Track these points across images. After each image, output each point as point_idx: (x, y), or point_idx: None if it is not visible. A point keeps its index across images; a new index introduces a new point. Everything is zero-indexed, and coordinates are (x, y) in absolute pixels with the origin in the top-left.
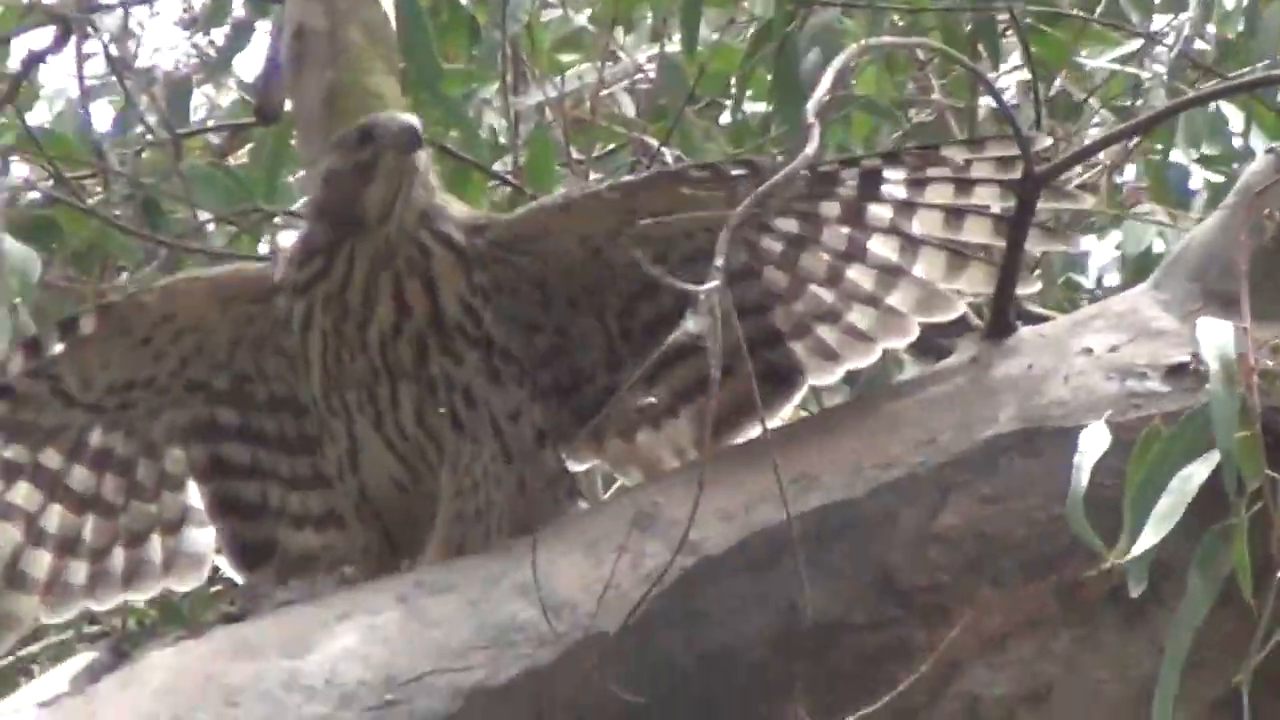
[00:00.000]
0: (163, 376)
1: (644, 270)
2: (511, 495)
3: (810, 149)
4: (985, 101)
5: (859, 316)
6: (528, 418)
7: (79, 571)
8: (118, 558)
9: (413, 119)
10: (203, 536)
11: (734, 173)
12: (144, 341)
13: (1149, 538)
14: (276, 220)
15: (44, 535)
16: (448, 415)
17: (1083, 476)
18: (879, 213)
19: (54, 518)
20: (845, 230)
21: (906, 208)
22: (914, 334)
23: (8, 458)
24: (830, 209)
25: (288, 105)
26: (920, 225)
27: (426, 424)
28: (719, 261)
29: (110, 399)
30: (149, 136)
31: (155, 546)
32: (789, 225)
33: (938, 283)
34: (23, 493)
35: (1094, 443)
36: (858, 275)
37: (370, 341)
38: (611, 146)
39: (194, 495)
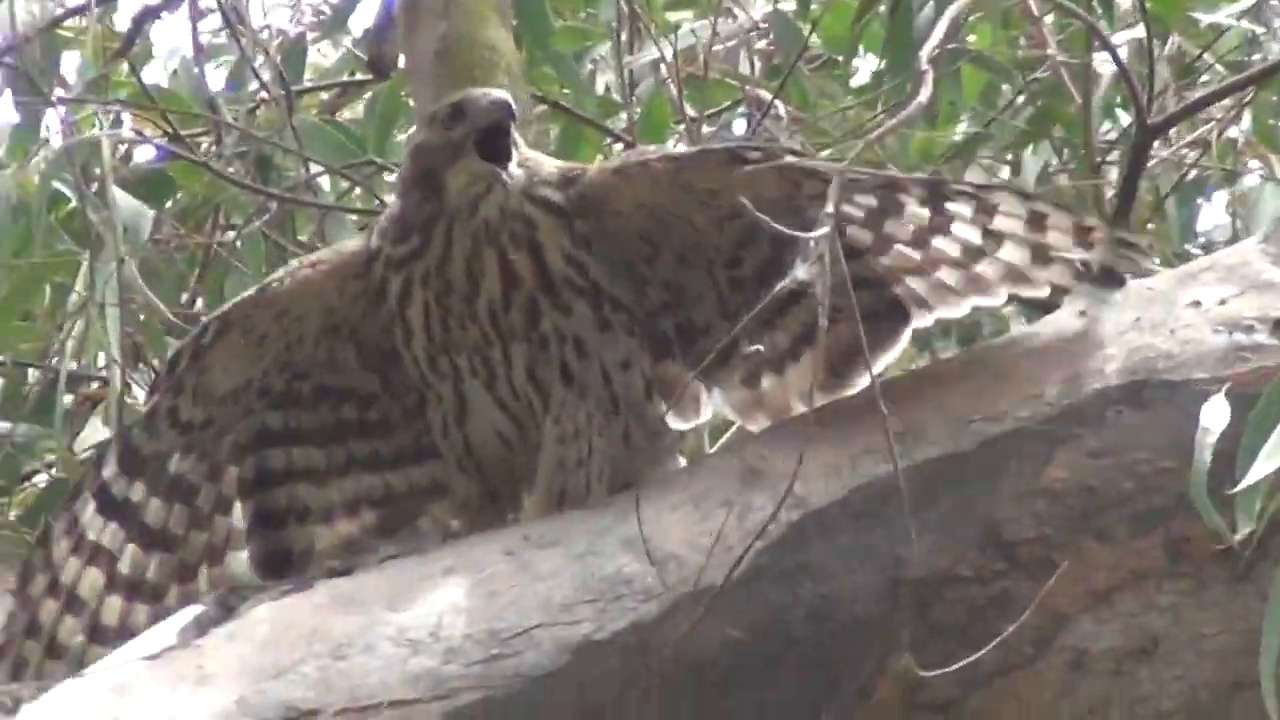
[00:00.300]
0: (257, 377)
1: (741, 222)
2: (615, 445)
3: (923, 96)
4: (1100, 58)
5: (947, 275)
6: (638, 368)
7: (141, 614)
8: (172, 595)
9: (504, 95)
10: (237, 560)
11: (786, 156)
12: (260, 339)
13: (1261, 468)
14: (389, 175)
15: (117, 578)
16: (557, 367)
17: (1205, 453)
18: (958, 209)
19: (127, 558)
20: (927, 212)
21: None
22: (1002, 298)
23: (114, 494)
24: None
25: (401, 59)
26: (1002, 223)
27: (538, 379)
28: (829, 208)
29: (212, 410)
30: (263, 95)
31: (203, 578)
32: (869, 200)
33: (1022, 267)
34: (110, 533)
35: (1215, 417)
36: (943, 244)
37: (480, 312)
38: (726, 104)
39: (238, 516)
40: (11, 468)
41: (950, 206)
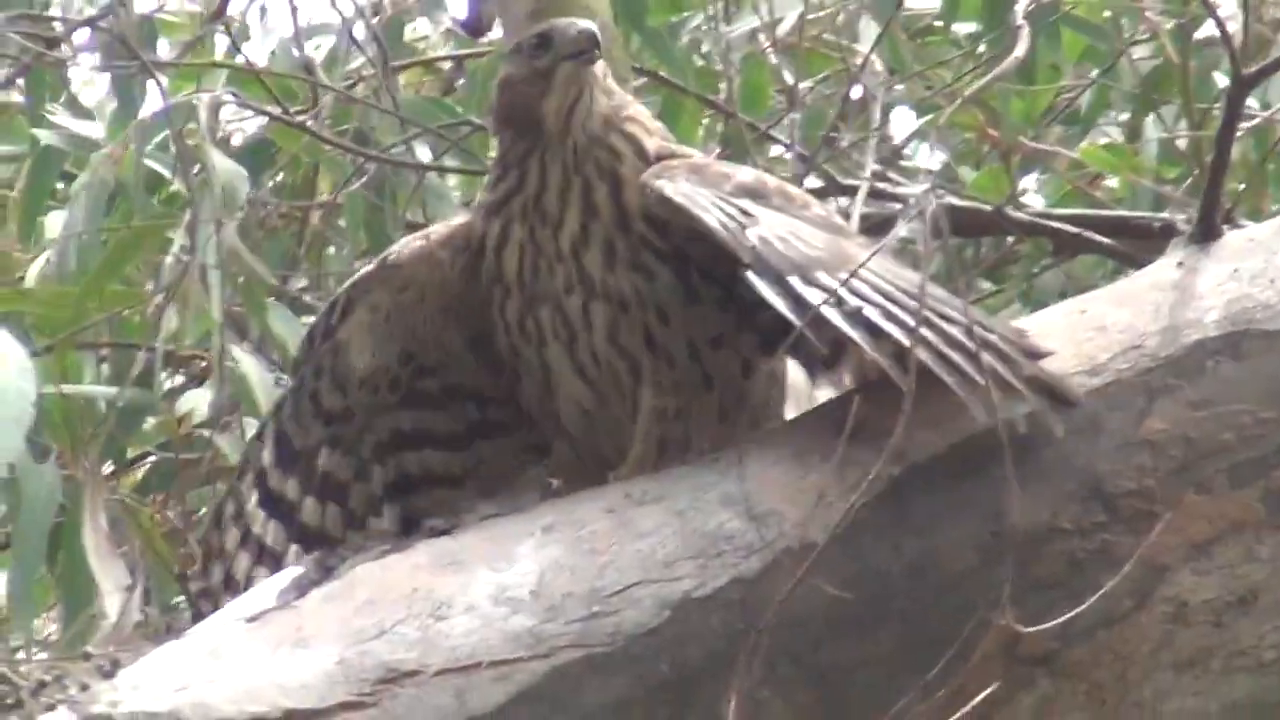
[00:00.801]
0: (388, 364)
1: None
2: (712, 423)
3: (1019, 51)
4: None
5: None
6: (732, 348)
7: None
8: None
9: (591, 25)
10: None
11: None
12: (385, 317)
13: None
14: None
15: None
16: (641, 333)
17: None
18: None
19: (291, 559)
20: None
21: None
22: None
23: (271, 487)
24: None
25: (497, 22)
26: None
27: (619, 343)
28: (929, 165)
29: (351, 397)
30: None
31: None
32: None
33: None
34: (272, 531)
35: None
36: None
37: (563, 248)
38: (825, 72)
39: (388, 520)
40: (119, 445)
41: None
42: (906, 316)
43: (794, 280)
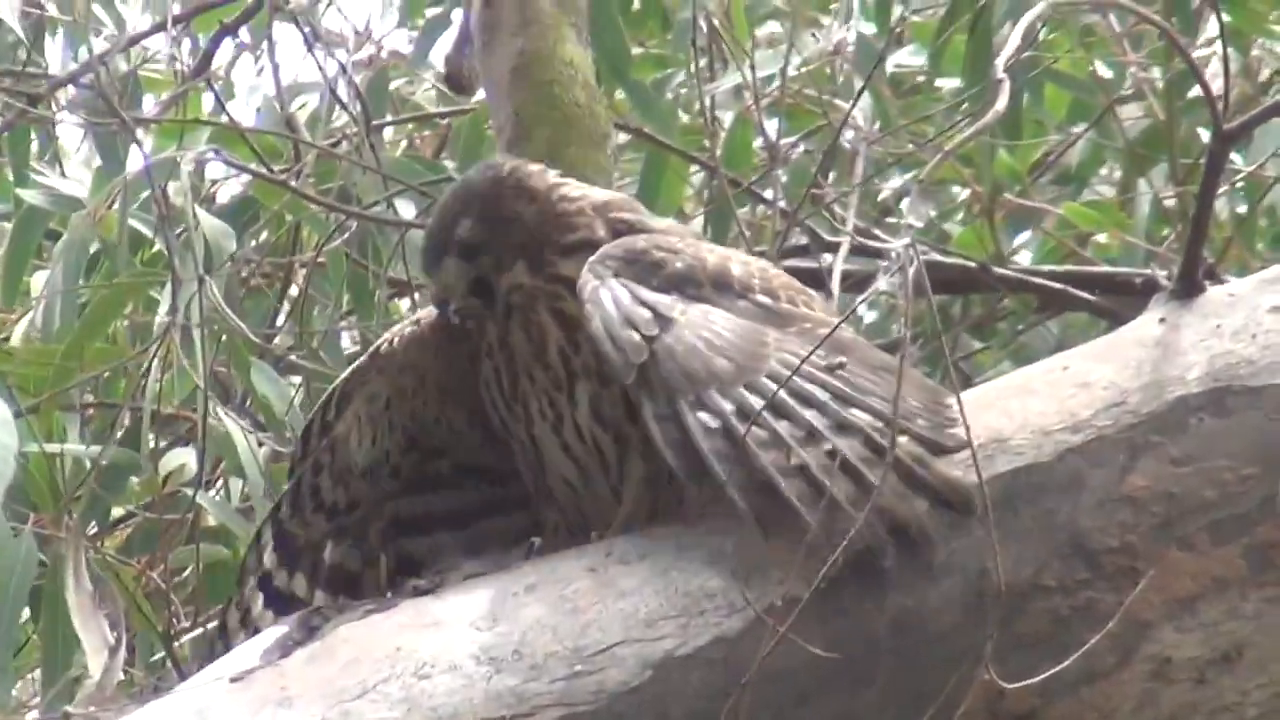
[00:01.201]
0: (389, 452)
1: None
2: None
3: (1000, 104)
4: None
5: None
6: None
7: None
8: None
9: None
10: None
11: None
12: (384, 406)
13: None
14: None
15: None
16: (623, 405)
17: None
18: None
19: None
20: None
21: None
22: None
23: (278, 587)
24: None
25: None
26: None
27: (603, 417)
28: (909, 220)
29: (353, 491)
30: (345, 127)
31: None
32: None
33: None
34: None
35: None
36: None
37: (552, 359)
38: (811, 127)
39: None
40: (106, 501)
41: None
42: (794, 430)
43: (684, 404)
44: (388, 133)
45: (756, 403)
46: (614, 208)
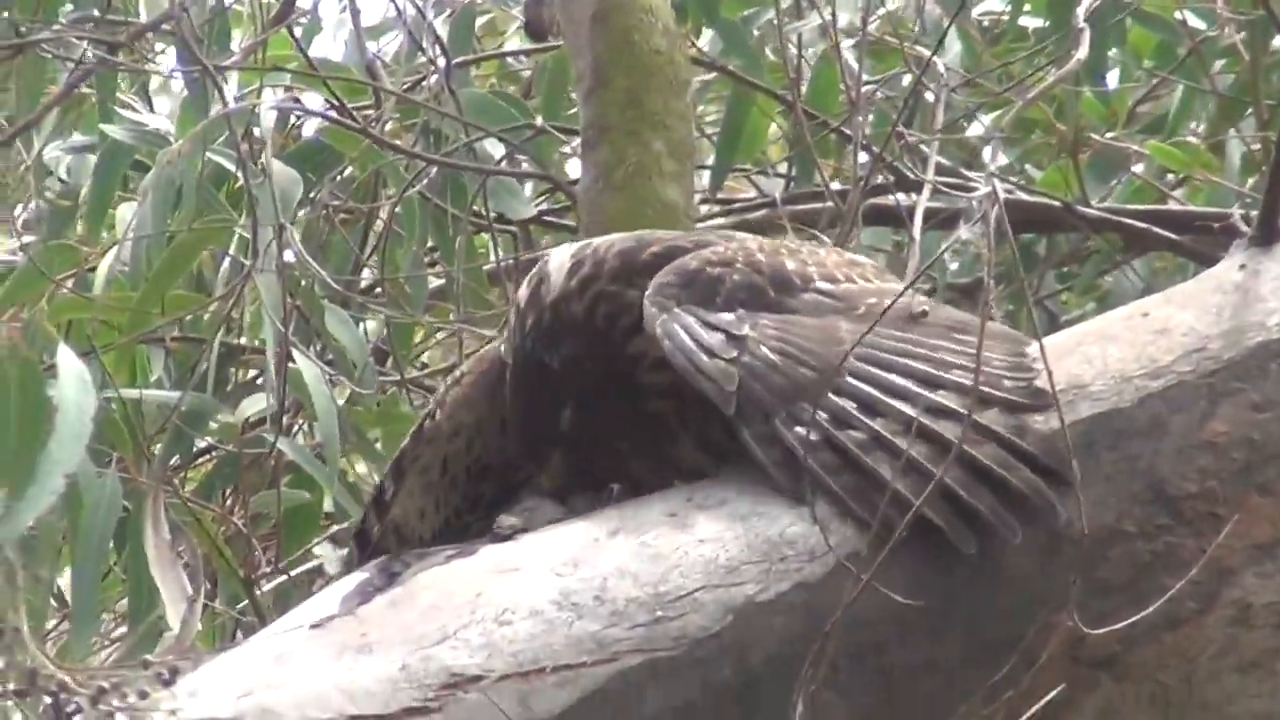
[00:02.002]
0: (460, 504)
1: None
2: None
3: (1081, 53)
4: None
5: None
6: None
7: None
8: None
9: None
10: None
11: None
12: (443, 471)
13: None
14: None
15: None
16: (723, 431)
17: None
18: None
19: None
20: None
21: None
22: None
23: None
24: None
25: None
26: None
27: (710, 447)
28: (992, 168)
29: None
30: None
31: None
32: None
33: None
34: None
35: None
36: None
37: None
38: (898, 68)
39: None
40: (185, 443)
41: None
42: (891, 425)
43: (779, 422)
44: (474, 73)
45: (849, 406)
46: (637, 253)
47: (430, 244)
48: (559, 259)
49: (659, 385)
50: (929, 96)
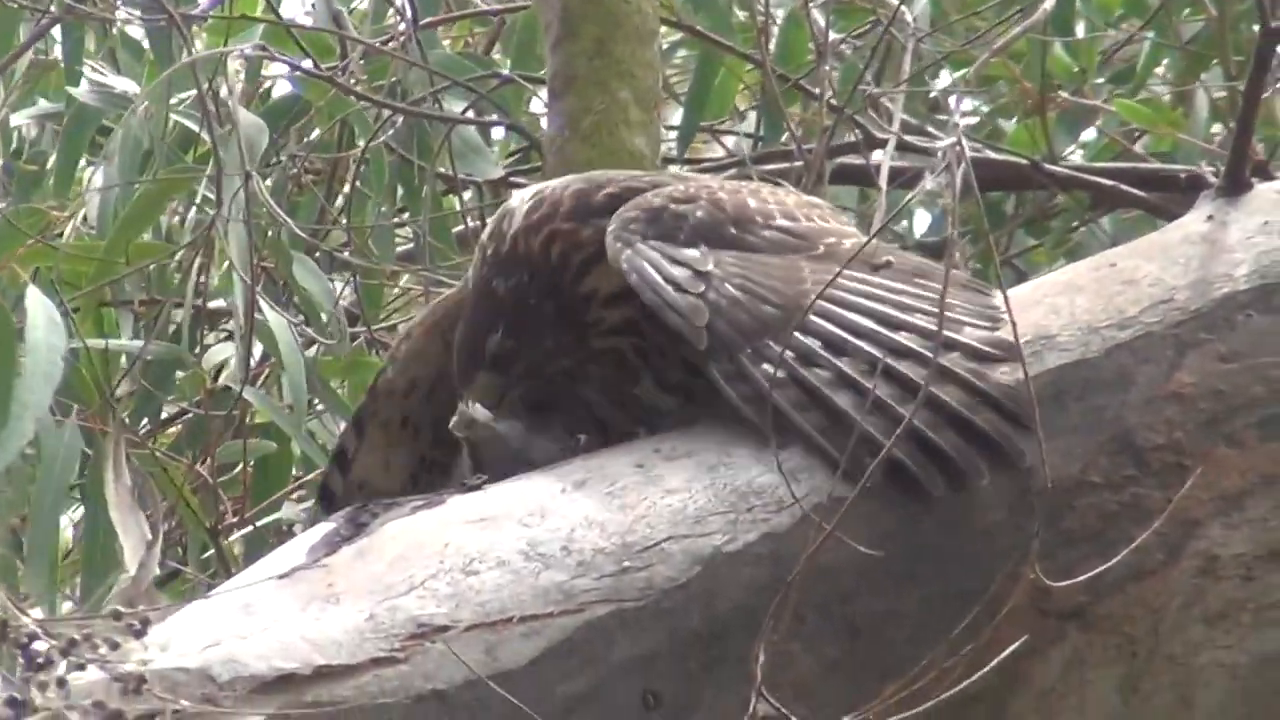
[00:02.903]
0: (428, 451)
1: None
2: None
3: (1048, 3)
4: None
5: None
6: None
7: None
8: None
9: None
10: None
11: None
12: (403, 425)
13: None
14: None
15: None
16: (681, 367)
17: None
18: None
19: None
20: None
21: None
22: None
23: None
24: None
25: None
26: None
27: (669, 385)
28: (956, 118)
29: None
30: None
31: None
32: None
33: None
34: None
35: None
36: None
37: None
38: (862, 25)
39: None
40: (155, 403)
41: None
42: (856, 364)
43: (745, 359)
44: (443, 33)
45: (814, 345)
46: (592, 193)
47: (399, 206)
48: (521, 196)
49: (613, 322)
50: (897, 49)
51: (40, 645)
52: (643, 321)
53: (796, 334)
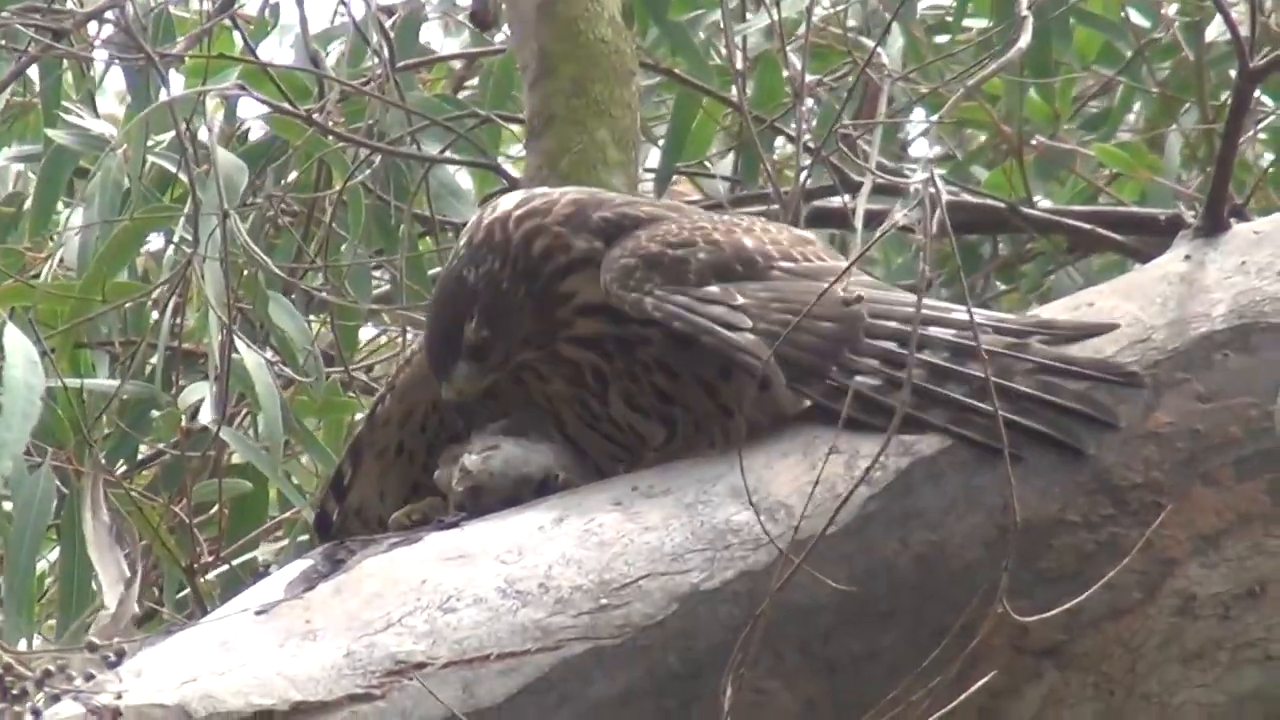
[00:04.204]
0: (420, 477)
1: None
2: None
3: (1022, 41)
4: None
5: None
6: (745, 370)
7: None
8: None
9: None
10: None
11: None
12: (398, 452)
13: None
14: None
15: None
16: (652, 394)
17: None
18: None
19: None
20: None
21: None
22: None
23: None
24: None
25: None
26: None
27: (639, 408)
28: (930, 154)
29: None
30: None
31: None
32: None
33: None
34: None
35: None
36: None
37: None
38: (836, 68)
39: None
40: (131, 444)
41: None
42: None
43: (835, 376)
44: (419, 77)
45: (892, 346)
46: (590, 209)
47: (376, 248)
48: (513, 196)
49: (583, 333)
50: (872, 91)
51: (15, 677)
52: (611, 344)
53: (869, 340)
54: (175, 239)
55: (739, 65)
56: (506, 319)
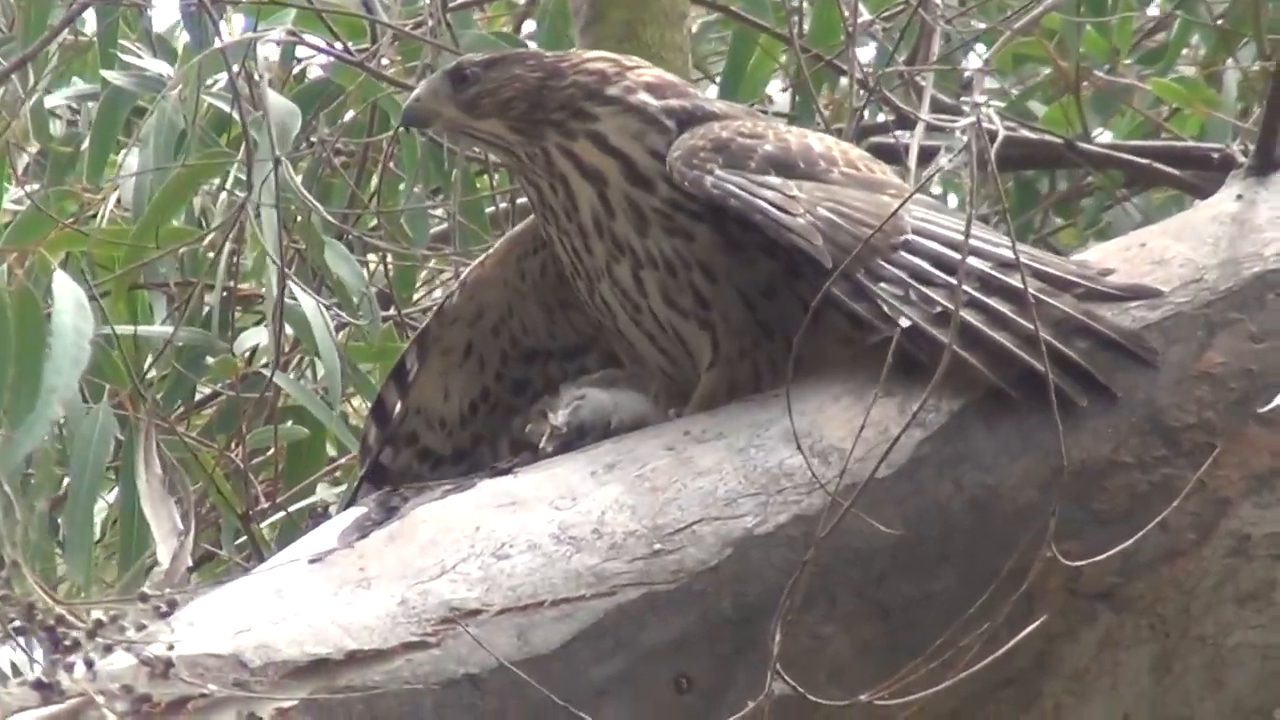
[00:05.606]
0: (492, 385)
1: None
2: (781, 367)
3: None
4: None
5: None
6: (791, 291)
7: None
8: None
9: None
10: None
11: None
12: (466, 353)
13: None
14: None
15: None
16: (690, 291)
17: None
18: None
19: None
20: None
21: None
22: None
23: None
24: None
25: None
26: None
27: (677, 306)
28: (978, 97)
29: (463, 436)
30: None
31: None
32: None
33: None
34: None
35: None
36: None
37: (586, 225)
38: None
39: None
40: (185, 383)
41: None
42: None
43: (862, 278)
44: (480, 15)
45: (925, 265)
46: (670, 91)
47: (432, 186)
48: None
49: (586, 160)
50: (928, 28)
51: (67, 628)
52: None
53: (905, 254)
54: (229, 185)
55: (795, 1)
56: (504, 77)
